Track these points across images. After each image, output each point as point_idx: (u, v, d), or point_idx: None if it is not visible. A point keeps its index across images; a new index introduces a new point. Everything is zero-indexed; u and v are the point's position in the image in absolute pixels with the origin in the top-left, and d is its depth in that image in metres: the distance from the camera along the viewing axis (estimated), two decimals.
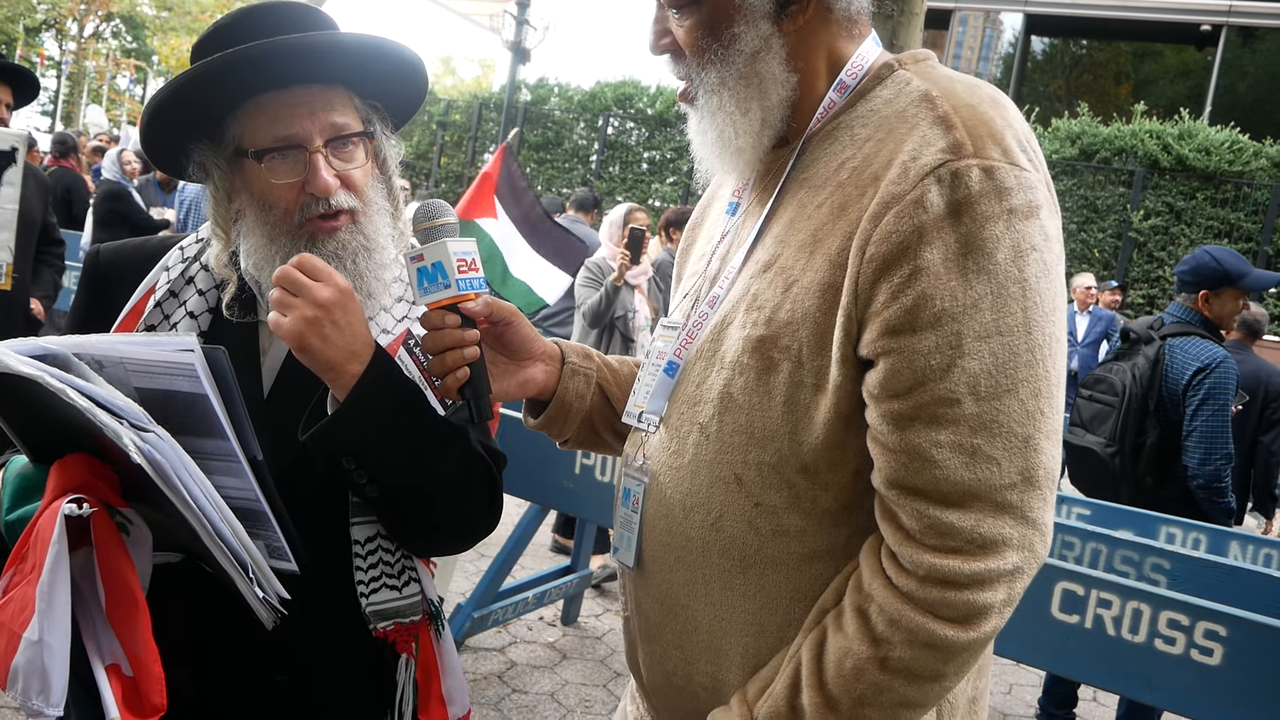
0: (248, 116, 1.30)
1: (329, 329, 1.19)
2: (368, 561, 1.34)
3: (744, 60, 1.16)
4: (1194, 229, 13.93)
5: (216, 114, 1.32)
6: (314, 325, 1.18)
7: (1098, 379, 3.93)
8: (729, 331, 1.16)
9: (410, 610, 1.36)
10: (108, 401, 1.09)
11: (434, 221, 1.23)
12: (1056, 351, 1.03)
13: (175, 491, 1.09)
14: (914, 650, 1.00)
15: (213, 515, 1.12)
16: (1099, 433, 3.82)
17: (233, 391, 1.14)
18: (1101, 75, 19.77)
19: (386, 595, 1.34)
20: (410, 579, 1.37)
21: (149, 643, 1.09)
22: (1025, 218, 1.00)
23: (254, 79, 1.28)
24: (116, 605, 1.11)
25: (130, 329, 1.36)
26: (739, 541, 1.13)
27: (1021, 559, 1.00)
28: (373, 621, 1.33)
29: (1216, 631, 2.17)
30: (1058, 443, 1.03)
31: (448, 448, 1.31)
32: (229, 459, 1.15)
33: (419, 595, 1.37)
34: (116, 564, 1.11)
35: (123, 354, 1.14)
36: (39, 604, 1.03)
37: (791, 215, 1.16)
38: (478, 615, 3.71)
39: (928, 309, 0.99)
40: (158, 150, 1.40)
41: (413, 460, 1.27)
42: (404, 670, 1.38)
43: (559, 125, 18.36)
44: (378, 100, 1.40)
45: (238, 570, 1.15)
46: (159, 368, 1.13)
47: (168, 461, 1.08)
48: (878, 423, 1.03)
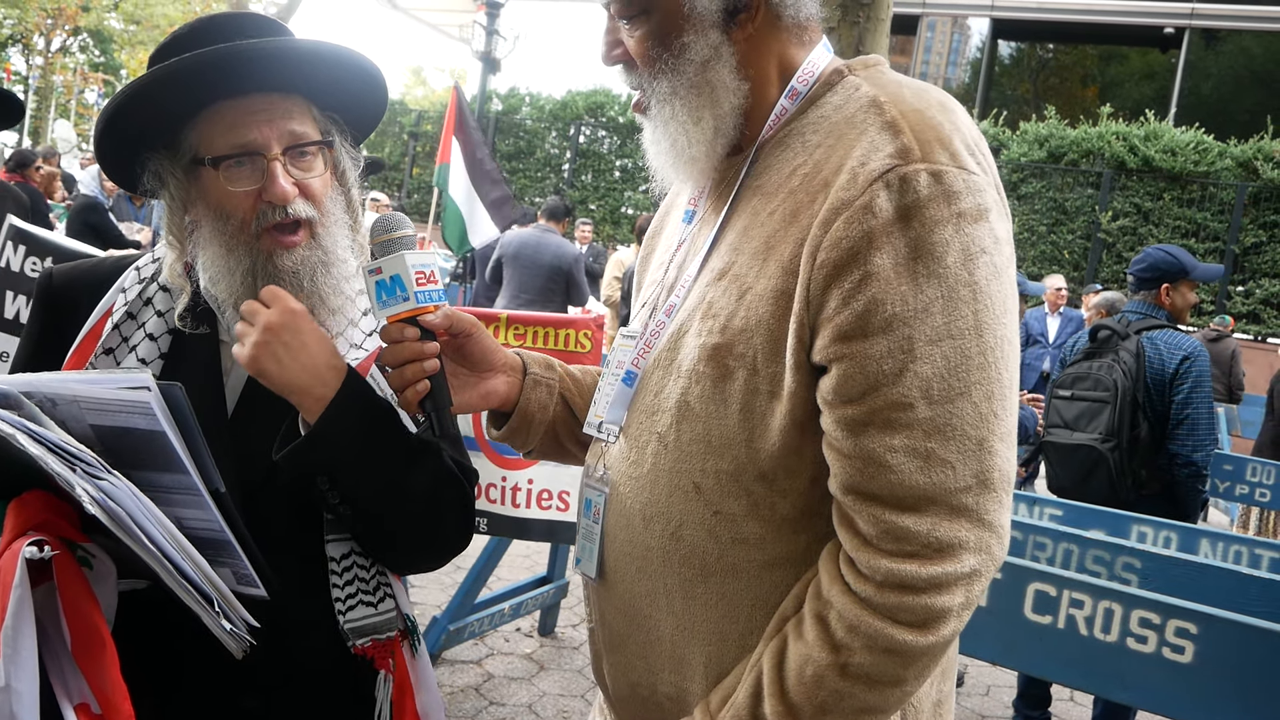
0: (205, 124, 1.29)
1: (280, 350, 1.19)
2: (344, 579, 1.33)
3: (694, 69, 1.16)
4: (1161, 229, 14.11)
5: (173, 122, 1.30)
6: (265, 349, 1.19)
7: (1077, 377, 3.96)
8: (685, 340, 1.15)
9: (386, 626, 1.35)
10: (61, 446, 1.07)
11: (391, 234, 1.22)
12: (1009, 354, 1.03)
13: (133, 537, 1.07)
14: (874, 656, 1.00)
15: (173, 555, 1.10)
16: (1090, 430, 3.83)
17: (191, 426, 1.12)
18: (1068, 78, 20.02)
19: (363, 612, 1.33)
20: (385, 594, 1.36)
21: (117, 681, 1.07)
22: (974, 221, 1.00)
23: (212, 85, 1.26)
24: (82, 644, 1.09)
25: (88, 352, 1.33)
26: (699, 550, 1.12)
27: (978, 562, 1.00)
28: (350, 638, 1.31)
29: (1187, 629, 2.18)
30: (1012, 445, 1.03)
31: (421, 466, 1.31)
32: (190, 492, 1.13)
33: (394, 611, 1.36)
34: (81, 603, 1.09)
35: (76, 392, 1.12)
36: (4, 649, 1.01)
37: (745, 223, 1.15)
38: (453, 628, 3.67)
39: (879, 314, 0.98)
40: (113, 158, 1.37)
41: (386, 479, 1.27)
42: (382, 687, 1.36)
43: (531, 134, 18.36)
44: (337, 112, 1.39)
45: (202, 605, 1.13)
46: (114, 405, 1.11)
47: (123, 509, 1.07)
48: (832, 428, 1.02)
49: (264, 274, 1.28)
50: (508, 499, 2.67)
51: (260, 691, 1.30)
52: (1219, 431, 3.63)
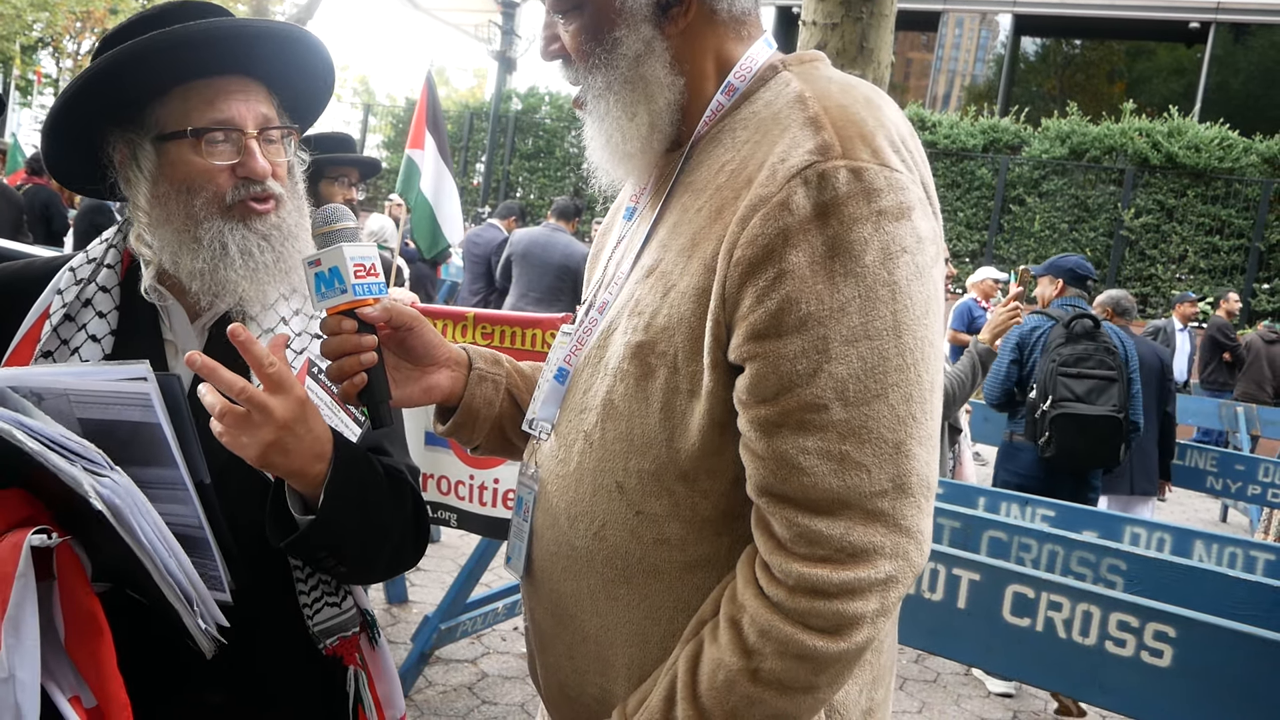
0: (178, 101, 1.30)
1: (291, 442, 1.15)
2: (309, 584, 1.34)
3: (627, 64, 1.15)
4: (1185, 226, 13.90)
5: (140, 98, 1.31)
6: (278, 446, 1.14)
7: (1080, 357, 4.57)
8: (613, 338, 1.14)
9: (350, 623, 1.37)
10: (60, 443, 1.06)
11: (331, 226, 1.22)
12: (930, 356, 1.01)
13: (133, 535, 1.06)
14: (784, 662, 0.98)
15: (163, 553, 1.10)
16: (1102, 403, 4.47)
17: (184, 418, 1.12)
18: (1094, 74, 19.75)
19: (329, 613, 1.35)
20: (346, 593, 1.39)
21: (113, 671, 1.07)
22: (895, 219, 0.98)
23: (190, 62, 1.29)
24: (79, 635, 1.09)
25: (26, 356, 1.31)
26: (621, 551, 1.11)
27: (895, 568, 0.98)
28: (320, 640, 1.34)
29: (1166, 633, 2.15)
30: (933, 449, 1.01)
31: (394, 497, 1.33)
32: (174, 486, 1.13)
33: (354, 608, 1.38)
34: (79, 593, 1.10)
35: (67, 385, 1.11)
36: (6, 639, 1.01)
37: (675, 219, 1.14)
38: (445, 626, 3.68)
39: (793, 313, 0.97)
40: (72, 133, 1.35)
41: (378, 532, 1.29)
42: (353, 681, 1.38)
43: (550, 134, 18.36)
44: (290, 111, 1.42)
45: (184, 604, 1.13)
46: (109, 398, 1.10)
47: (126, 506, 1.06)
48: (747, 429, 1.01)
49: (238, 240, 1.30)
50: (475, 497, 2.67)
51: (230, 690, 1.31)
52: None
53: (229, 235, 1.30)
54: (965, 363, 4.14)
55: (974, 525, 2.89)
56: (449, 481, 2.72)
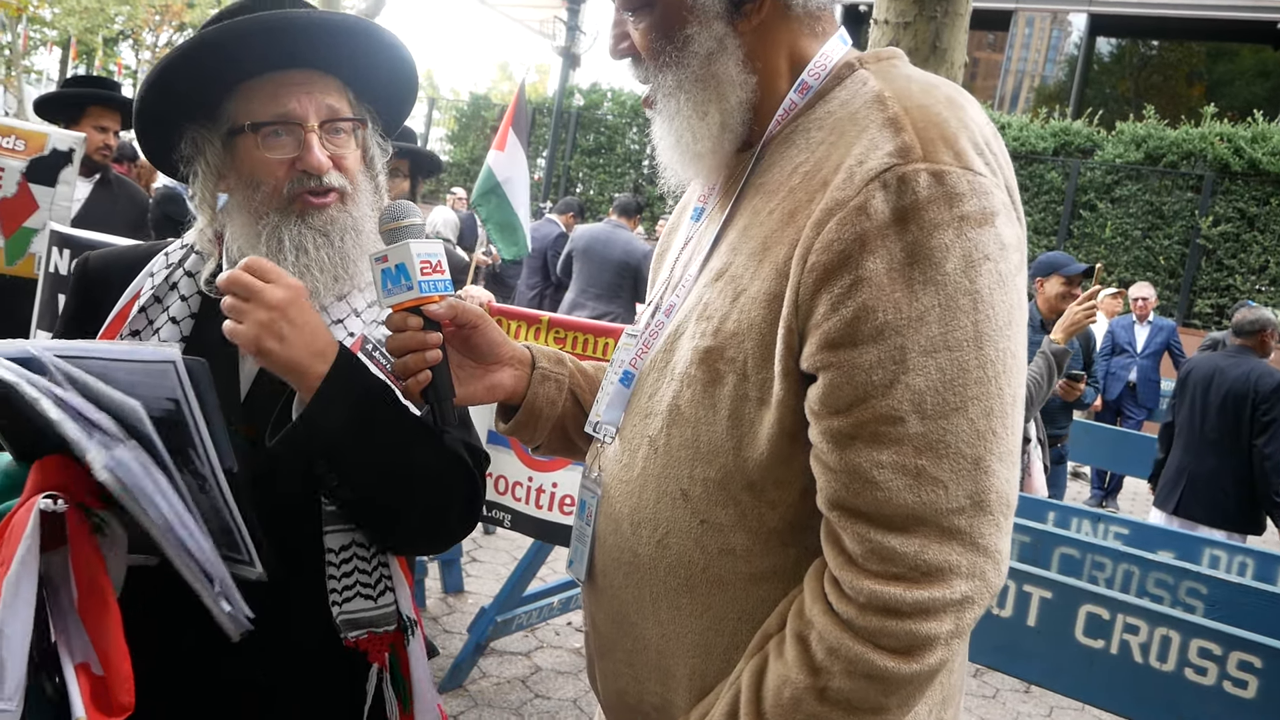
0: (245, 96, 1.33)
1: (286, 329, 1.17)
2: (341, 570, 1.32)
3: (699, 62, 1.12)
4: (1268, 235, 13.38)
5: (215, 90, 1.34)
6: (269, 328, 1.16)
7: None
8: (680, 342, 1.11)
9: (385, 620, 1.34)
10: (79, 412, 1.08)
11: (399, 222, 1.21)
12: (1012, 368, 0.96)
13: (139, 508, 1.08)
14: (853, 681, 0.94)
15: (179, 531, 1.11)
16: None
17: (210, 402, 1.13)
18: (1172, 76, 19.12)
19: (361, 605, 1.32)
20: (386, 588, 1.35)
21: (119, 642, 1.08)
22: (978, 225, 0.94)
23: (258, 55, 1.31)
24: (87, 603, 1.10)
25: (115, 333, 1.38)
26: (685, 559, 1.09)
27: (971, 588, 0.94)
28: (344, 630, 1.31)
29: (1251, 663, 2.05)
30: (1014, 465, 0.97)
31: (423, 445, 1.29)
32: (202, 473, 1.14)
33: (393, 606, 1.35)
34: (88, 562, 1.11)
35: (104, 361, 1.14)
36: (4, 595, 1.03)
37: (746, 222, 1.11)
38: (501, 619, 3.69)
39: (869, 321, 0.93)
40: (154, 124, 1.39)
41: (387, 458, 1.25)
42: (374, 680, 1.35)
43: (611, 130, 18.38)
44: (370, 103, 1.43)
45: (204, 584, 1.14)
46: (139, 375, 1.12)
47: (133, 478, 1.07)
48: (819, 440, 0.98)
49: (293, 235, 1.31)
50: (532, 500, 2.65)
51: (258, 675, 1.31)
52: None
53: (284, 230, 1.32)
54: (1040, 364, 3.93)
55: (1044, 541, 2.80)
56: (506, 481, 2.71)
